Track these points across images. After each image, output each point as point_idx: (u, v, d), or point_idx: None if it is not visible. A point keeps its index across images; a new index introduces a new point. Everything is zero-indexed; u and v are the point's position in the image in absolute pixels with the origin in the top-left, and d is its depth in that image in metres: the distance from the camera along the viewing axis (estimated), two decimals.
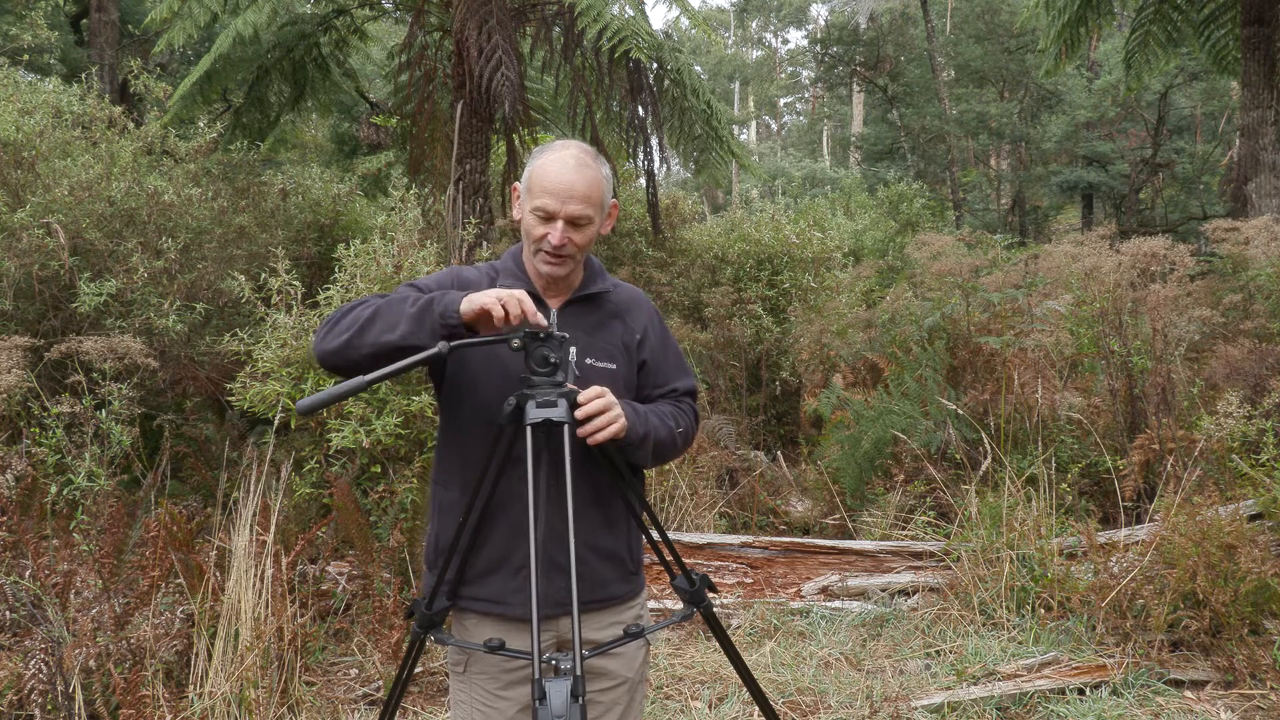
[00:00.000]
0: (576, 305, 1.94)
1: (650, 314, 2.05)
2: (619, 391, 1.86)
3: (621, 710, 1.99)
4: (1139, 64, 11.56)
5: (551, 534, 1.79)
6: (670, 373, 2.04)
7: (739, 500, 5.98)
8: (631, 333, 1.98)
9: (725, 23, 48.67)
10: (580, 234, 1.84)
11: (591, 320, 1.95)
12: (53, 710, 2.92)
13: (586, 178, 1.82)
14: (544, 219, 1.82)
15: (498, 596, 1.88)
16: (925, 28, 21.90)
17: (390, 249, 4.83)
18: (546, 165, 1.83)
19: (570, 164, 1.81)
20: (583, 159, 1.84)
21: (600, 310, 1.97)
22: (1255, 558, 3.48)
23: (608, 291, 1.99)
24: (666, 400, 2.02)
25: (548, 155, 1.85)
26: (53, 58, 14.01)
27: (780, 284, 8.28)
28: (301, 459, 4.67)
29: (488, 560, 1.88)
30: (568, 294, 1.95)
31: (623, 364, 1.95)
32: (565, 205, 1.80)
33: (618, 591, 1.97)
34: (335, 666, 3.77)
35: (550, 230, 1.82)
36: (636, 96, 7.54)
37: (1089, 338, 5.32)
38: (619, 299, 2.01)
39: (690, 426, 2.01)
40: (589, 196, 1.82)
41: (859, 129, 30.83)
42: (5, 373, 4.02)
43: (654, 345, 2.01)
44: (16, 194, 5.27)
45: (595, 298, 1.97)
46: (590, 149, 1.89)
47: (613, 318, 1.98)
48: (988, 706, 3.39)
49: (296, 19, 8.86)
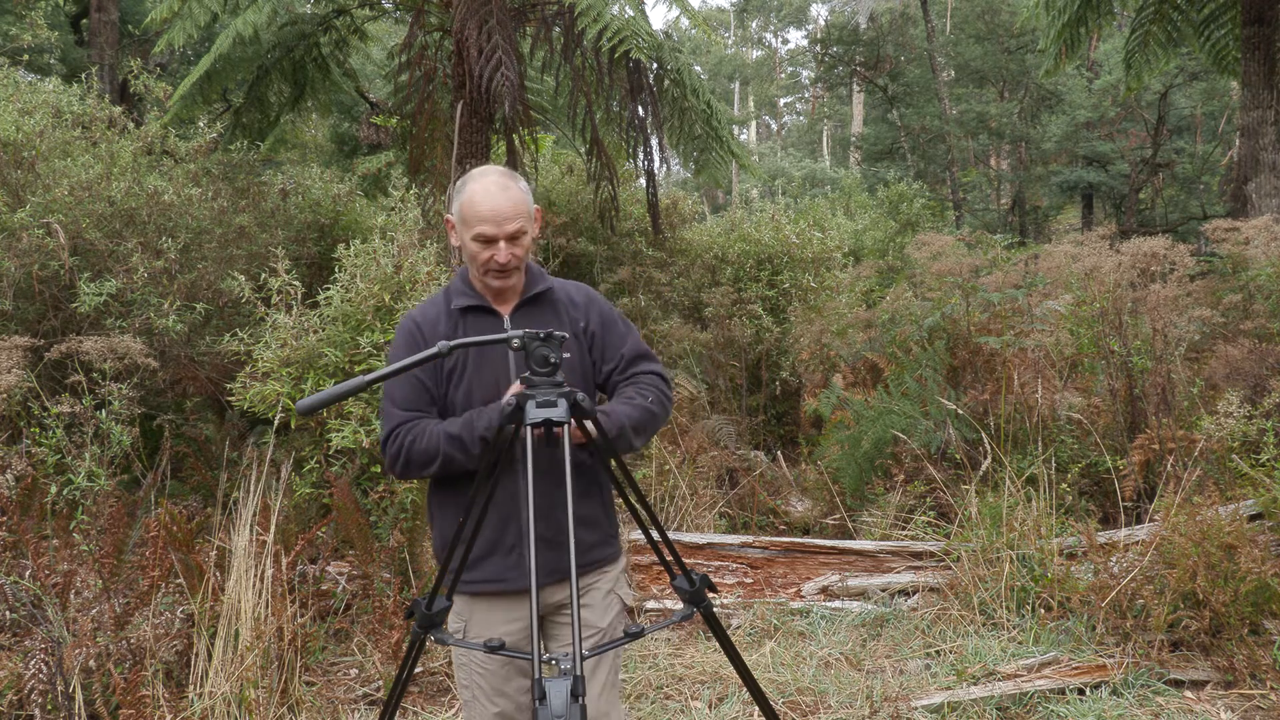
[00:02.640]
0: (525, 307, 2.14)
1: (592, 300, 2.22)
2: (576, 377, 2.10)
3: (594, 663, 2.14)
4: (1139, 64, 11.56)
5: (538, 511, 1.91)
6: (616, 344, 2.18)
7: (739, 500, 5.98)
8: (576, 321, 2.16)
9: (725, 23, 48.67)
10: (519, 246, 2.05)
11: (542, 318, 2.14)
12: (53, 710, 2.92)
13: (511, 198, 2.02)
14: (486, 243, 2.03)
15: (497, 575, 2.08)
16: (925, 28, 21.89)
17: (390, 249, 4.83)
18: (474, 196, 2.02)
19: (494, 190, 2.01)
20: (503, 182, 2.03)
21: (547, 307, 2.16)
22: (1255, 558, 3.48)
23: (550, 289, 2.18)
24: (621, 377, 2.17)
25: (472, 186, 2.04)
26: (53, 58, 14.01)
27: (780, 284, 8.28)
28: (301, 459, 4.67)
29: (484, 543, 2.07)
30: (515, 299, 2.14)
31: (575, 352, 2.14)
32: (502, 227, 2.01)
33: (599, 555, 2.16)
34: (335, 666, 3.77)
35: (495, 251, 2.02)
36: (636, 96, 7.54)
37: (1089, 338, 5.32)
38: (563, 294, 2.20)
39: (659, 395, 2.14)
40: (518, 212, 2.02)
41: (859, 129, 30.84)
42: (5, 373, 4.02)
43: (597, 326, 2.17)
44: (16, 194, 5.27)
45: (540, 296, 2.16)
46: (506, 170, 2.09)
47: (560, 311, 2.16)
48: (988, 706, 3.39)
49: (296, 19, 8.86)
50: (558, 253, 8.60)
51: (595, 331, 2.17)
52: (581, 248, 8.77)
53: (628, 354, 2.18)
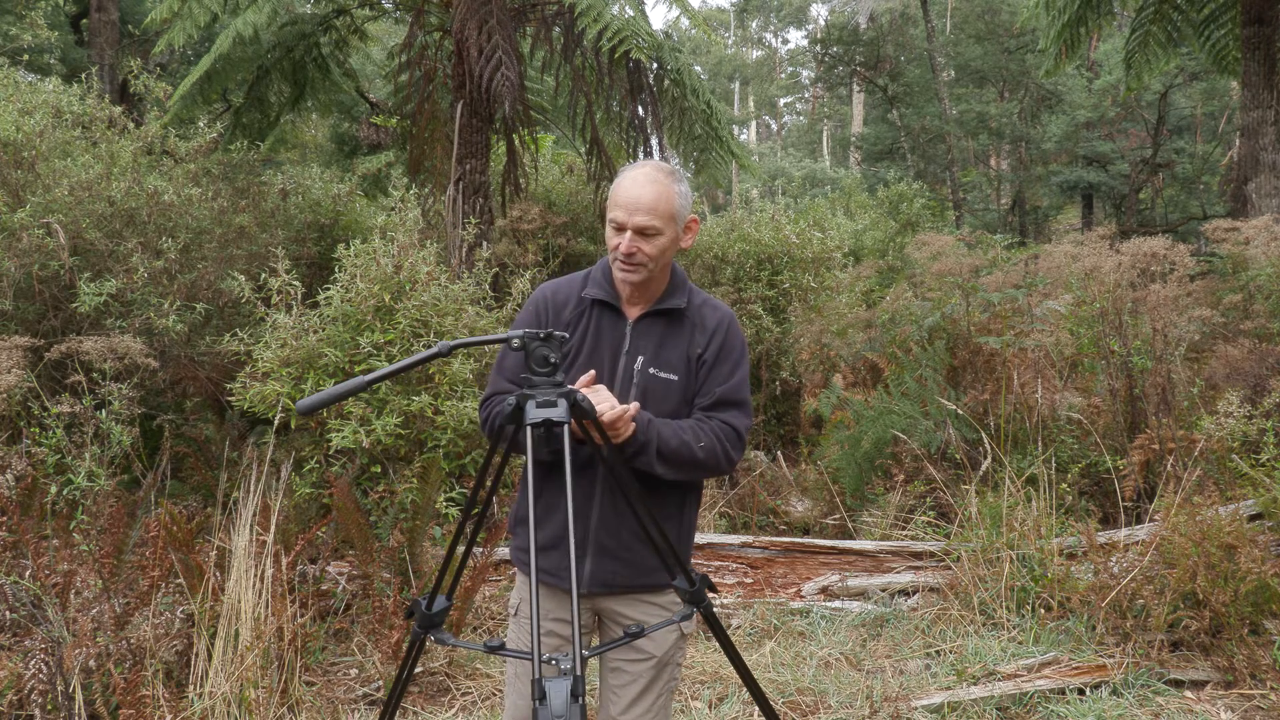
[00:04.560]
0: (651, 317, 2.10)
1: (723, 332, 2.12)
2: (676, 401, 2.06)
3: (645, 684, 2.11)
4: (1139, 64, 11.56)
5: (602, 522, 2.03)
6: (716, 381, 2.10)
7: (739, 500, 5.98)
8: (696, 347, 2.10)
9: (725, 23, 48.68)
10: (649, 244, 1.99)
11: (663, 332, 2.09)
12: (53, 710, 2.92)
13: (654, 192, 1.98)
14: (617, 229, 2.01)
15: (555, 569, 2.08)
16: (925, 28, 21.90)
17: (390, 249, 4.83)
18: (621, 181, 2.02)
19: (640, 180, 1.99)
20: (653, 175, 2.00)
21: (673, 323, 2.11)
22: (1255, 558, 3.48)
23: (684, 306, 2.11)
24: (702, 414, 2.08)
25: (624, 172, 2.04)
26: (53, 58, 14.02)
27: (780, 284, 8.28)
28: (301, 459, 4.67)
29: (549, 536, 2.08)
30: (646, 306, 2.11)
31: (683, 376, 2.08)
32: (632, 216, 1.97)
33: (658, 580, 2.10)
34: (335, 666, 3.77)
35: (621, 240, 1.99)
36: (636, 96, 7.54)
37: (1089, 338, 5.32)
38: (697, 315, 2.13)
39: (715, 444, 2.03)
40: (655, 209, 1.97)
41: (859, 129, 30.84)
42: (5, 373, 4.02)
43: (711, 356, 2.10)
44: (16, 194, 5.27)
45: (671, 311, 2.11)
46: (667, 167, 2.05)
47: (683, 332, 2.11)
48: (988, 706, 3.39)
49: (296, 19, 8.86)
50: (558, 252, 8.61)
51: (708, 361, 2.10)
52: (582, 247, 8.78)
53: (720, 394, 2.09)
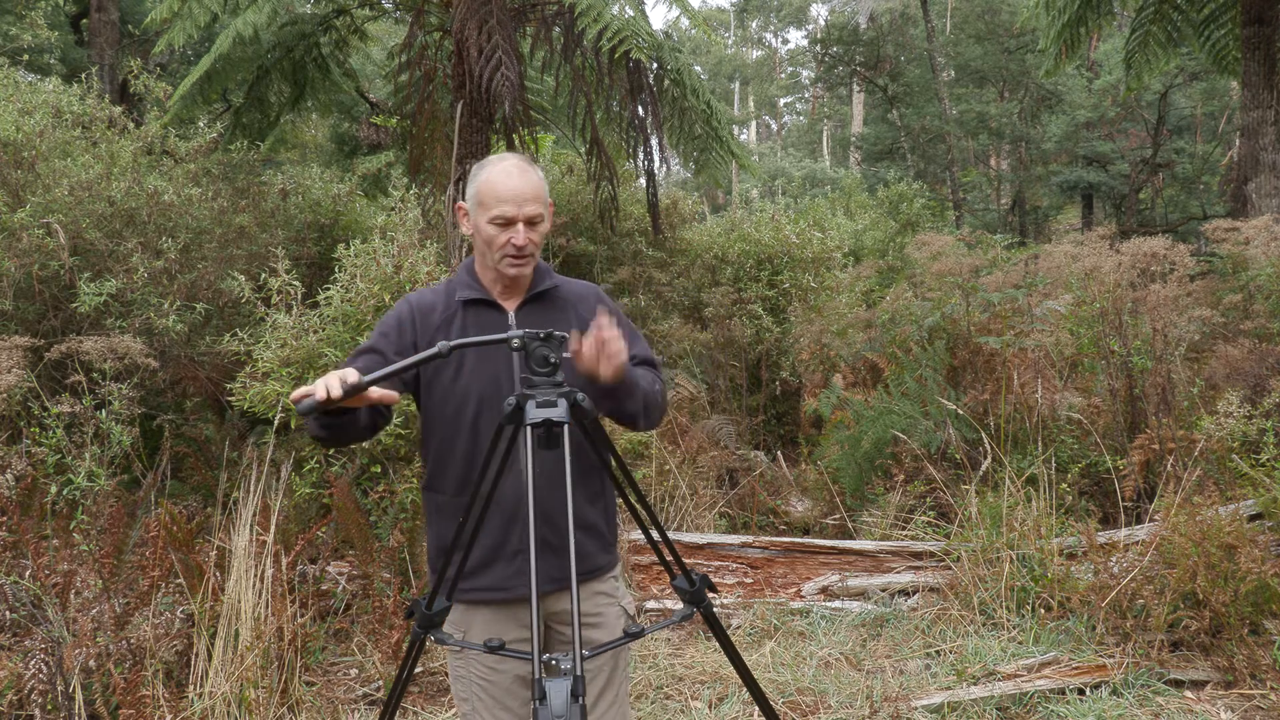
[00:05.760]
0: (531, 304, 2.10)
1: (599, 300, 2.19)
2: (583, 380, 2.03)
3: (607, 675, 2.11)
4: (1139, 64, 11.56)
5: (542, 516, 1.93)
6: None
7: (739, 500, 5.98)
8: (584, 320, 2.10)
9: (725, 23, 48.68)
10: (536, 232, 2.02)
11: (547, 315, 2.09)
12: (53, 710, 2.92)
13: (532, 180, 2.00)
14: (504, 225, 1.99)
15: (499, 583, 2.03)
16: (925, 28, 21.89)
17: (390, 249, 4.83)
18: (493, 177, 1.99)
19: (514, 172, 1.99)
20: (522, 165, 2.01)
21: (553, 304, 2.12)
22: (1255, 558, 3.48)
23: (557, 286, 2.14)
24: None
25: (490, 169, 2.01)
26: (53, 58, 14.02)
27: (780, 284, 8.28)
28: (301, 459, 4.67)
29: (484, 550, 2.02)
30: (521, 295, 2.10)
31: None
32: (523, 208, 1.98)
33: (599, 563, 2.11)
34: (335, 666, 3.77)
35: (513, 234, 1.98)
36: (636, 96, 7.54)
37: (1089, 338, 5.32)
38: (569, 292, 2.16)
39: (662, 387, 2.14)
40: (539, 196, 2.00)
41: (859, 129, 30.84)
42: (5, 373, 4.02)
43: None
44: (16, 194, 5.27)
45: (546, 294, 2.12)
46: (525, 155, 2.07)
47: (566, 309, 2.13)
48: (988, 706, 3.39)
49: (296, 19, 8.86)
50: (558, 253, 8.60)
51: None
52: (581, 248, 8.77)
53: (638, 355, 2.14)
